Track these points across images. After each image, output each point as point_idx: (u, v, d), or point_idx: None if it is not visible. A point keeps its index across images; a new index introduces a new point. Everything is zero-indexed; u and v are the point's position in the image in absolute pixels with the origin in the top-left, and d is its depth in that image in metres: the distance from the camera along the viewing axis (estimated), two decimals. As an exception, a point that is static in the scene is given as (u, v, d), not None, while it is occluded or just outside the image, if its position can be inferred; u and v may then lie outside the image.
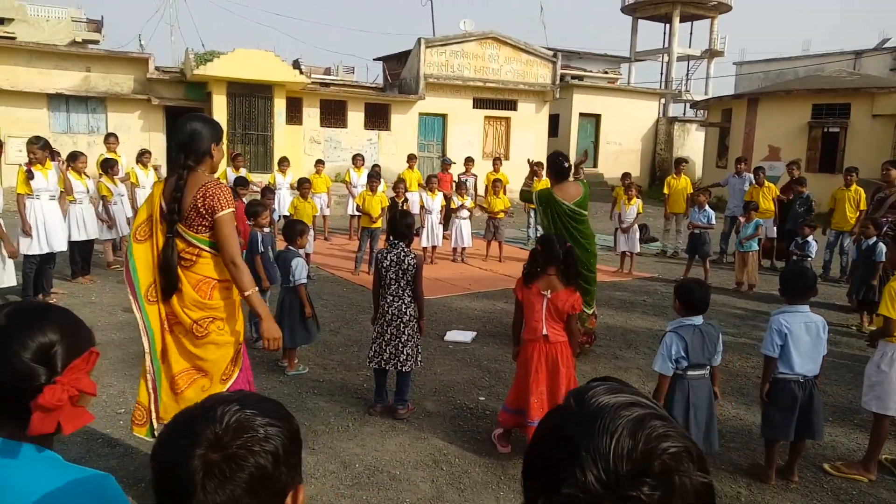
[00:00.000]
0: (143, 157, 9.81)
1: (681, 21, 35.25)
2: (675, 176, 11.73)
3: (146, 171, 9.65)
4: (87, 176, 8.19)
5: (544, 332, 3.87)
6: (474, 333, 6.53)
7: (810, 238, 8.30)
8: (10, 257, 6.28)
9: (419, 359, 4.56)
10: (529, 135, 22.05)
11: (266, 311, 3.16)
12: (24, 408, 1.21)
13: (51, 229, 6.96)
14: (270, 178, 11.71)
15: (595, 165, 25.16)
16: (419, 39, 20.10)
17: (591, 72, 32.80)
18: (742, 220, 9.11)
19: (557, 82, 22.09)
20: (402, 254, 4.44)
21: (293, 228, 5.61)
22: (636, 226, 10.02)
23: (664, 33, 36.91)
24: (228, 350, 3.18)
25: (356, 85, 22.68)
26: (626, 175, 11.97)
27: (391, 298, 4.47)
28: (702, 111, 26.15)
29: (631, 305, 8.04)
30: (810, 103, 19.19)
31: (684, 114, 32.65)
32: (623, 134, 25.66)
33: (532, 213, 12.01)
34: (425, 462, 3.92)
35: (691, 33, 38.66)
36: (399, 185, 9.99)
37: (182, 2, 62.50)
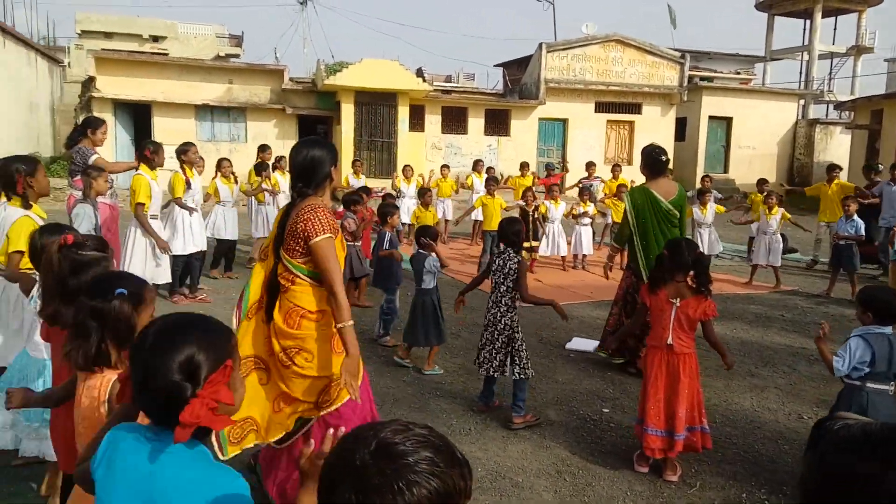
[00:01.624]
0: (280, 162, 10.42)
1: (823, 16, 32.71)
2: (825, 183, 10.91)
3: (284, 176, 10.23)
4: (234, 180, 8.78)
5: (669, 340, 3.73)
6: (597, 343, 6.35)
7: (982, 252, 7.42)
8: (163, 252, 6.72)
9: (517, 370, 4.42)
10: (654, 139, 21.08)
11: (354, 348, 2.92)
12: (175, 416, 1.33)
13: (196, 230, 7.52)
14: (396, 182, 12.04)
15: (726, 171, 23.92)
16: (540, 44, 20.01)
17: (721, 73, 31.29)
18: (897, 231, 8.29)
19: (685, 84, 21.21)
20: (507, 258, 4.49)
21: (427, 233, 5.77)
22: (779, 237, 9.42)
23: (804, 30, 34.46)
24: (318, 384, 3.03)
25: (476, 91, 22.92)
26: (762, 181, 11.28)
27: (490, 304, 4.56)
28: (847, 112, 24.16)
29: (768, 320, 7.53)
30: (980, 102, 17.23)
31: (826, 116, 30.32)
32: (757, 137, 24.18)
33: None
34: (548, 471, 3.85)
35: (835, 29, 35.84)
36: (527, 192, 9.97)
37: (314, 15, 65.92)
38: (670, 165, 5.81)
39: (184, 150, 7.44)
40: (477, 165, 12.67)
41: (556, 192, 10.41)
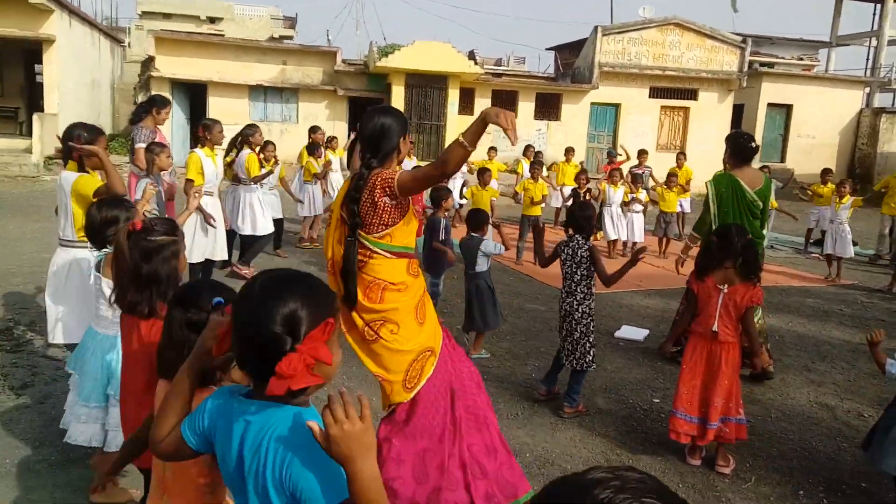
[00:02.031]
0: (331, 142, 10.59)
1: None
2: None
3: (336, 155, 10.40)
4: (274, 162, 8.73)
5: (715, 328, 3.66)
6: (647, 332, 6.27)
7: None
8: (210, 225, 6.68)
9: (590, 359, 4.42)
10: (710, 126, 20.72)
11: (481, 113, 2.60)
12: (271, 369, 1.33)
13: (259, 212, 7.72)
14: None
15: (783, 160, 23.14)
16: (596, 27, 19.62)
17: (783, 58, 30.21)
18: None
19: (745, 70, 20.53)
20: (577, 246, 4.39)
21: (478, 217, 5.69)
22: (847, 227, 9.08)
23: (874, 14, 32.89)
24: (405, 357, 2.91)
25: (527, 75, 22.64)
26: (826, 171, 10.93)
27: (564, 294, 4.46)
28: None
29: (825, 314, 7.29)
30: None
31: (893, 104, 28.96)
32: (818, 126, 23.29)
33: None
34: (597, 460, 3.82)
35: (910, 12, 34.06)
36: (581, 175, 9.86)
37: (366, -3, 66.01)
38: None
39: (251, 133, 7.61)
40: (527, 150, 12.55)
41: (618, 176, 10.27)
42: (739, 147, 5.09)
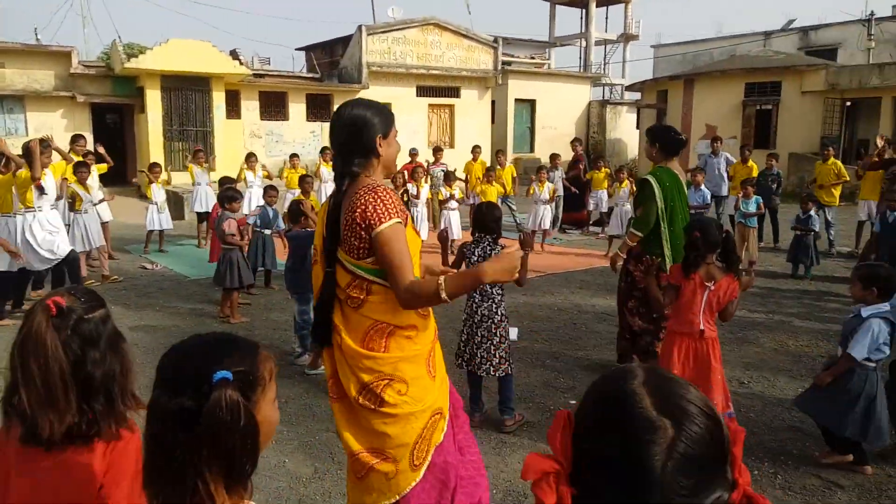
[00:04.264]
0: (87, 157, 9.22)
1: (597, 6, 35.96)
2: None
3: (91, 175, 8.86)
4: None
5: (701, 326, 3.59)
6: (517, 329, 6.23)
7: (812, 212, 8.48)
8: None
9: (512, 363, 4.25)
10: (473, 122, 21.86)
11: (472, 276, 2.20)
12: None
13: None
14: (240, 174, 10.94)
15: (532, 150, 25.34)
16: (360, 26, 19.45)
17: (518, 57, 33.02)
18: (741, 196, 9.25)
19: (499, 68, 21.97)
20: (489, 248, 4.13)
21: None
22: (629, 207, 9.96)
23: (581, 18, 37.59)
24: (416, 423, 2.27)
25: (295, 76, 21.74)
26: (598, 158, 12.15)
27: (480, 298, 4.15)
28: (637, 93, 26.81)
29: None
30: (743, 82, 19.97)
31: (603, 97, 33.34)
32: (557, 118, 25.87)
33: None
34: (562, 479, 3.60)
35: (607, 18, 39.54)
36: (397, 178, 9.61)
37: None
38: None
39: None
40: (324, 153, 11.99)
41: (421, 174, 10.24)
42: (670, 139, 4.89)
